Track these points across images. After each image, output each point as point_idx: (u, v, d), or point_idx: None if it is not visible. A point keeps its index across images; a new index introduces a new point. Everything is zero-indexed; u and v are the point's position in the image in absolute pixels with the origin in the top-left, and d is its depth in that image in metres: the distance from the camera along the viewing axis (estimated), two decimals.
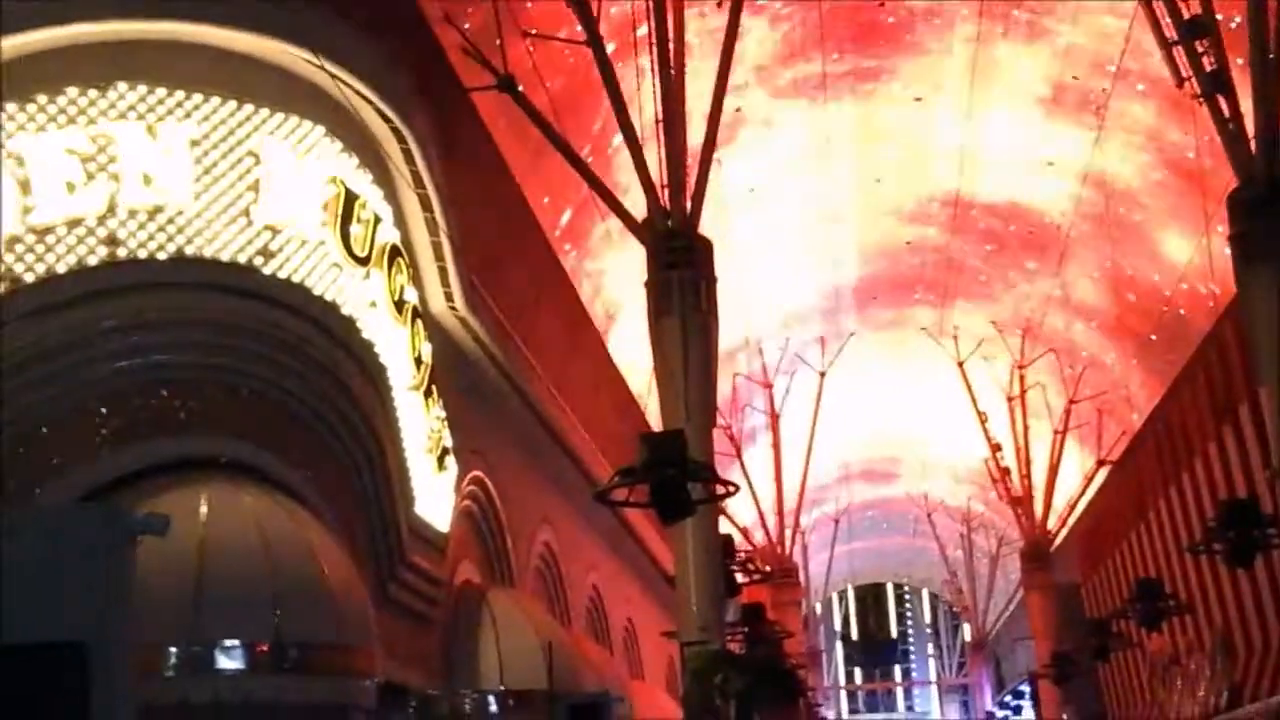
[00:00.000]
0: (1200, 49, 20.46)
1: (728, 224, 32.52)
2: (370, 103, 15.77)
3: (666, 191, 20.39)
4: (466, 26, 20.11)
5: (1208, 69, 20.42)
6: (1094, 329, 41.31)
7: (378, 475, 15.97)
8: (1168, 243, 33.65)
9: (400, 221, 16.82)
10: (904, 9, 30.67)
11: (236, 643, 13.19)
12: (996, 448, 48.40)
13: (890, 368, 50.54)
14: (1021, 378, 45.74)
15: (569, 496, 27.08)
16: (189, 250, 13.91)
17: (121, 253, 13.55)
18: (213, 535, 13.27)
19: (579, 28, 20.02)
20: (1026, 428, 46.80)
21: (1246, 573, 26.09)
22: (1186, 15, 20.53)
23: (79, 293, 13.29)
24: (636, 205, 20.90)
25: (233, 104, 14.37)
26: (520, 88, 19.91)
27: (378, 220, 16.00)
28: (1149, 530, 38.08)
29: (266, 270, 14.44)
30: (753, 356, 46.51)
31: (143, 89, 13.80)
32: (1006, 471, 48.75)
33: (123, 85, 13.70)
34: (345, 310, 15.27)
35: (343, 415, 15.35)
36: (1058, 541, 49.22)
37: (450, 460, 18.09)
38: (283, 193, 14.59)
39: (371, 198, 15.92)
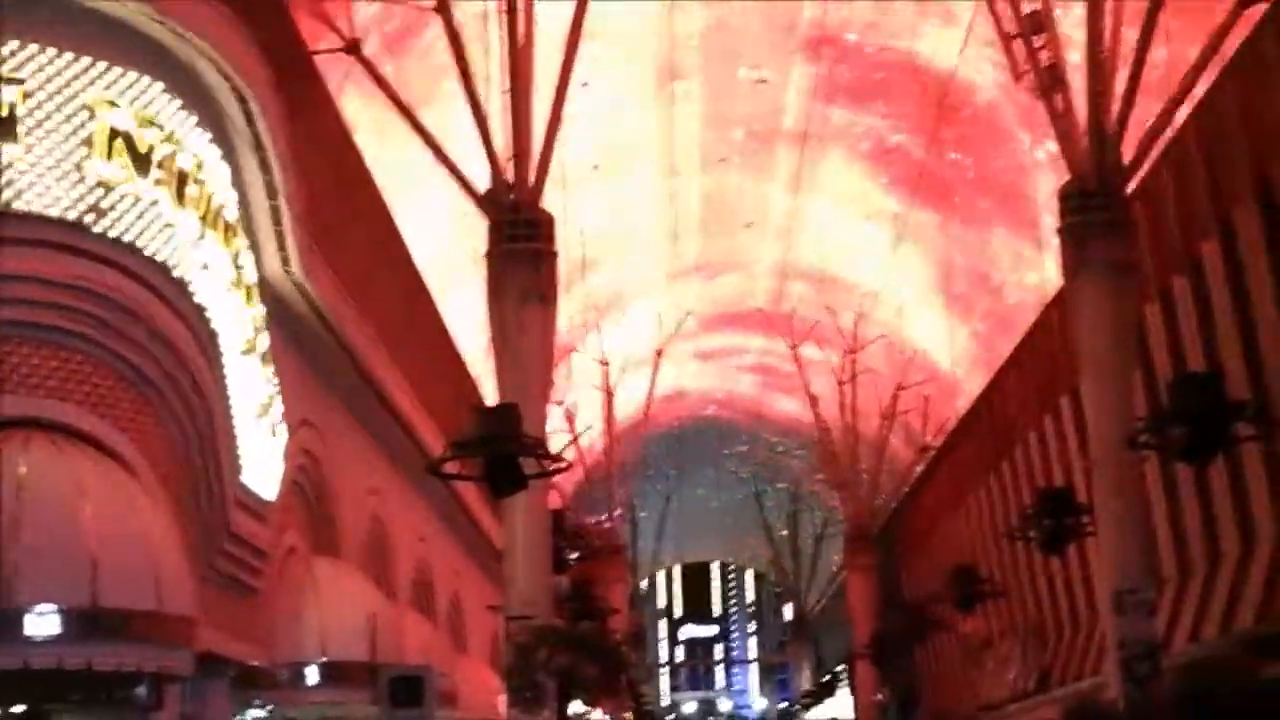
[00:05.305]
0: (1038, 43, 21.04)
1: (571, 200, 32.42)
2: (211, 61, 15.43)
3: (511, 164, 20.34)
4: None
5: (1045, 63, 21.01)
6: (926, 316, 42.05)
7: (205, 442, 15.68)
8: (1000, 234, 34.38)
9: (238, 183, 16.52)
10: None
11: (50, 608, 12.90)
12: (826, 430, 49.03)
13: (726, 345, 51.03)
14: (853, 362, 46.36)
15: (401, 468, 26.87)
16: (17, 205, 13.50)
17: None
18: (30, 497, 12.98)
19: None
20: (855, 411, 47.46)
21: (1059, 559, 26.92)
22: (1026, 10, 21.15)
23: None
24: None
25: (69, 56, 13.95)
26: (366, 52, 19.71)
27: (215, 181, 15.68)
28: (968, 516, 38.99)
29: (97, 228, 14.07)
30: (591, 332, 46.56)
31: None
32: (835, 454, 49.47)
33: None
34: (177, 272, 14.94)
35: (172, 379, 15.03)
36: (881, 524, 50.22)
37: (281, 428, 17.84)
38: (117, 149, 14.22)
39: (209, 157, 15.59)
